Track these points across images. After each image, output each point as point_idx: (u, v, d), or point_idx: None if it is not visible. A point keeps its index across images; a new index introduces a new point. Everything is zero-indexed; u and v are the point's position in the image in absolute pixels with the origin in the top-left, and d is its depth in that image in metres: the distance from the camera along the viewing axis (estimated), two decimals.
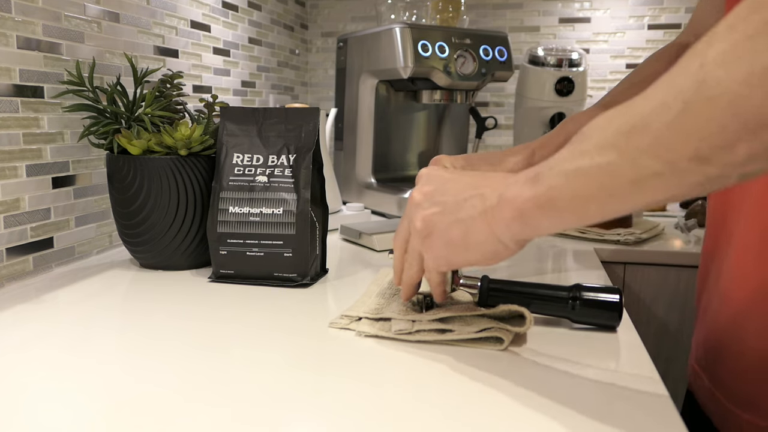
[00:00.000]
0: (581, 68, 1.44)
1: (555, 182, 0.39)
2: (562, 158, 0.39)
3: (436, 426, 0.40)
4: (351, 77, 1.29)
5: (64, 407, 0.42)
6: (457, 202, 0.47)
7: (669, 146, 0.33)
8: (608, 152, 0.36)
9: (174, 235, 0.77)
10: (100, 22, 0.89)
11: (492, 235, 0.45)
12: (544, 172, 0.40)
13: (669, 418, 0.41)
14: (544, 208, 0.40)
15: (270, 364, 0.49)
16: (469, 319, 0.54)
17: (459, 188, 0.48)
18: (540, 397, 0.44)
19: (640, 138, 0.34)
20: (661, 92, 0.34)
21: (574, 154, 0.38)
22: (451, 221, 0.47)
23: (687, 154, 0.32)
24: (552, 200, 0.40)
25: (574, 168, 0.38)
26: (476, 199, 0.46)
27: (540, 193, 0.40)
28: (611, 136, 0.36)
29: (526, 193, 0.41)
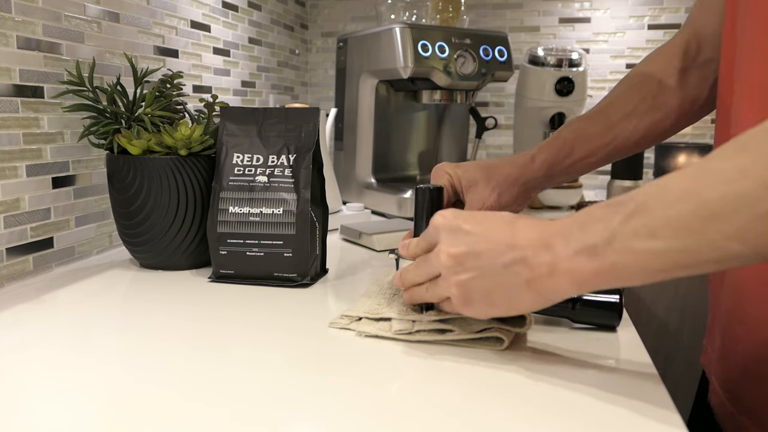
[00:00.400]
0: (581, 68, 1.44)
1: (620, 259, 0.39)
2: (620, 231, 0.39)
3: (436, 426, 0.40)
4: (351, 77, 1.29)
5: (64, 407, 0.42)
6: (495, 267, 0.45)
7: (757, 235, 0.34)
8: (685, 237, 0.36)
9: (174, 235, 0.77)
10: (100, 22, 0.89)
11: (539, 296, 0.44)
12: (601, 245, 0.40)
13: (669, 417, 0.41)
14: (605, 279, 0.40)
15: (270, 364, 0.49)
16: (469, 319, 0.54)
17: (493, 249, 0.46)
18: (540, 396, 0.44)
19: (725, 226, 0.34)
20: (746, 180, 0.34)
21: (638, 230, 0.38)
22: (491, 287, 0.46)
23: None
24: (617, 273, 0.40)
25: (644, 248, 0.38)
26: (519, 266, 0.44)
27: (603, 268, 0.40)
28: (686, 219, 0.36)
29: (586, 266, 0.41)
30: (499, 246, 0.45)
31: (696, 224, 0.36)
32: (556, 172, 0.73)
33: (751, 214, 0.34)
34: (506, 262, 0.45)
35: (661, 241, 0.37)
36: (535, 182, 0.73)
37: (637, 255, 0.38)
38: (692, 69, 0.72)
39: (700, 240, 0.35)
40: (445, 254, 0.48)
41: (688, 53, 0.72)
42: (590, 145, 0.73)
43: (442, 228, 0.49)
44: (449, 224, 0.49)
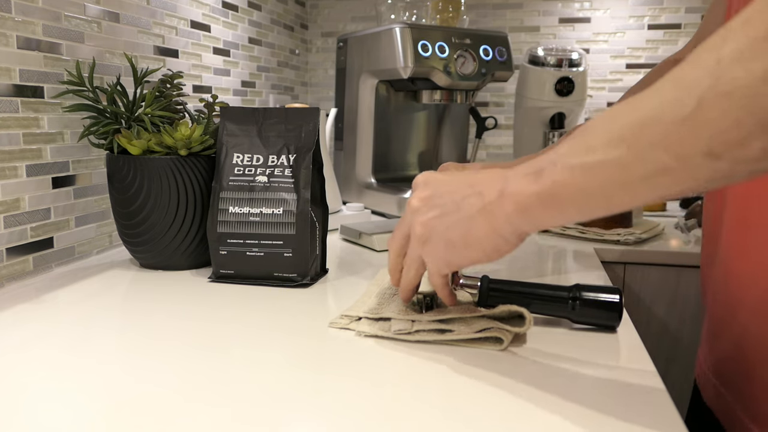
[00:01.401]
0: (581, 68, 1.44)
1: (559, 177, 0.39)
2: (566, 153, 0.39)
3: (436, 426, 0.40)
4: (351, 77, 1.29)
5: (64, 407, 0.42)
6: (455, 202, 0.47)
7: (682, 141, 0.33)
8: (617, 147, 0.36)
9: (174, 235, 0.77)
10: (100, 22, 0.89)
11: (492, 230, 0.44)
12: (546, 167, 0.40)
13: (669, 417, 0.41)
14: (547, 202, 0.40)
15: (270, 364, 0.49)
16: (468, 320, 0.54)
17: (456, 188, 0.48)
18: (540, 396, 0.44)
19: (652, 132, 0.34)
20: (674, 86, 0.34)
21: (578, 148, 0.38)
22: (450, 222, 0.47)
23: (700, 150, 0.32)
24: (556, 195, 0.39)
25: (580, 162, 0.38)
26: (474, 198, 0.46)
27: (544, 188, 0.40)
28: (619, 130, 0.36)
29: (529, 188, 0.41)
30: (460, 184, 0.48)
31: (627, 134, 0.35)
32: None
33: (673, 117, 0.33)
34: (464, 196, 0.46)
35: (595, 154, 0.37)
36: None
37: (574, 171, 0.38)
38: None
39: (630, 150, 0.35)
40: (415, 198, 0.51)
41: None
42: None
43: (418, 180, 0.52)
44: (425, 177, 0.52)
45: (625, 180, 0.36)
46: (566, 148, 0.39)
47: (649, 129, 0.34)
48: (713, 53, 0.32)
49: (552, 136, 1.44)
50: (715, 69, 0.31)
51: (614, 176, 0.36)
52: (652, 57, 1.63)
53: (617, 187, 0.36)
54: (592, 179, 0.37)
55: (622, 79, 1.65)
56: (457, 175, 0.50)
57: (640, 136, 0.34)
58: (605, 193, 0.37)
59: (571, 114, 1.45)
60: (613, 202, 0.37)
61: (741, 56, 0.31)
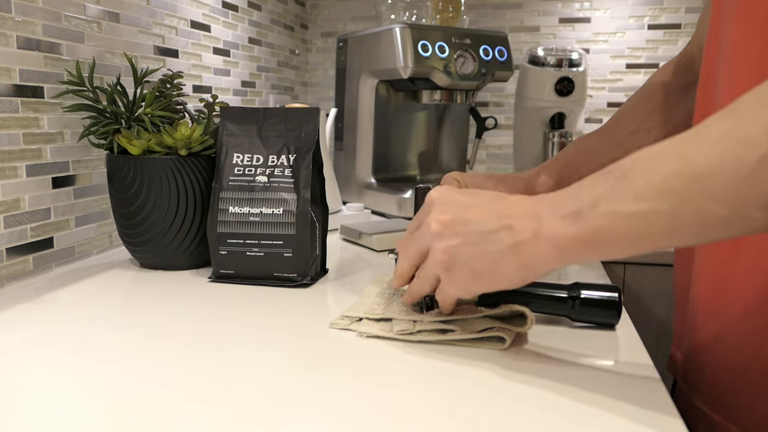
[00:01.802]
0: (581, 68, 1.44)
1: (603, 222, 0.38)
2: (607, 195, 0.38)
3: (437, 426, 0.40)
4: (351, 77, 1.29)
5: (64, 407, 0.42)
6: (481, 234, 0.45)
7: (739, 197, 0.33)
8: (668, 198, 0.36)
9: (174, 235, 0.77)
10: (100, 22, 0.89)
11: (524, 267, 0.44)
12: (587, 209, 0.39)
13: (668, 416, 0.41)
14: (588, 246, 0.40)
15: (270, 364, 0.49)
16: (470, 319, 0.54)
17: (482, 218, 0.46)
18: (540, 395, 0.44)
19: (708, 187, 0.34)
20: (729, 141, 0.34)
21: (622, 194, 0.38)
22: (476, 253, 0.46)
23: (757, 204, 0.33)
24: (599, 239, 0.39)
25: (627, 211, 0.37)
26: (504, 233, 0.44)
27: (585, 233, 0.39)
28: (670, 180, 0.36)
29: (569, 231, 0.40)
30: (487, 214, 0.46)
31: (679, 185, 0.35)
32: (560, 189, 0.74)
33: (733, 174, 0.33)
34: (492, 229, 0.45)
35: (645, 203, 0.37)
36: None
37: (621, 218, 0.38)
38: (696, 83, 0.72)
39: (683, 202, 0.35)
40: (434, 221, 0.48)
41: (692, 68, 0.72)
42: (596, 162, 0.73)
43: (435, 200, 0.50)
44: (442, 196, 0.50)
45: (675, 228, 0.36)
46: (606, 190, 0.39)
47: (705, 183, 0.34)
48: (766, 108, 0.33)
49: (552, 136, 1.44)
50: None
51: (663, 225, 0.36)
52: (652, 57, 1.63)
53: (665, 234, 0.37)
54: (640, 227, 0.37)
55: (622, 79, 1.65)
56: (478, 197, 0.49)
57: (695, 189, 0.35)
58: (652, 239, 0.37)
59: (571, 114, 1.45)
60: (659, 245, 0.38)
61: None
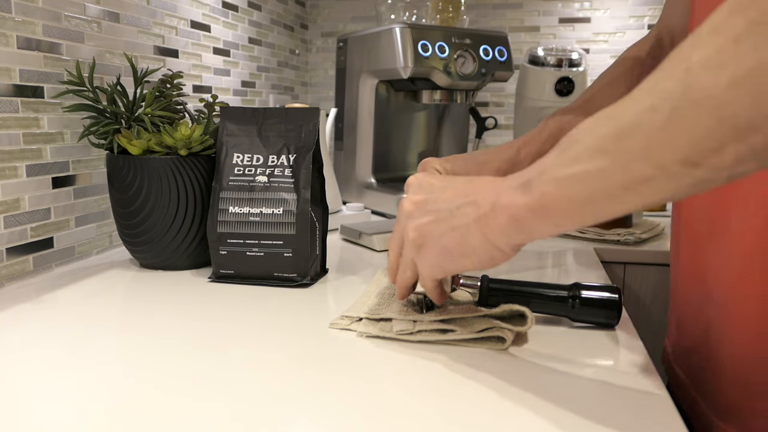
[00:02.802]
0: (581, 68, 1.44)
1: (547, 189, 0.39)
2: (552, 164, 0.39)
3: (437, 426, 0.40)
4: (351, 77, 1.29)
5: (64, 407, 0.42)
6: (449, 210, 0.47)
7: (659, 150, 0.33)
8: (599, 157, 0.36)
9: (174, 235, 0.77)
10: (100, 22, 0.89)
11: (487, 241, 0.45)
12: (535, 178, 0.41)
13: (668, 416, 0.41)
14: (538, 213, 0.41)
15: (270, 364, 0.49)
16: (470, 319, 0.54)
17: (450, 196, 0.48)
18: (540, 395, 0.44)
19: (630, 142, 0.34)
20: (649, 96, 0.34)
21: (564, 159, 0.39)
22: (444, 229, 0.47)
23: (677, 158, 0.33)
24: (545, 206, 0.40)
25: (565, 174, 0.38)
26: (469, 207, 0.46)
27: (533, 200, 0.40)
28: (600, 140, 0.36)
29: (520, 200, 0.41)
30: (455, 192, 0.48)
31: (608, 145, 0.36)
32: None
33: (650, 127, 0.33)
34: (459, 204, 0.47)
35: (579, 165, 0.37)
36: None
37: (560, 182, 0.38)
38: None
39: (613, 161, 0.35)
40: (407, 201, 0.51)
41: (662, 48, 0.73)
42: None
43: (411, 182, 0.53)
44: (418, 179, 0.53)
45: (609, 189, 0.36)
46: (552, 159, 0.40)
47: (627, 139, 0.35)
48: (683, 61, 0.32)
49: None
50: (685, 77, 0.32)
51: (598, 186, 0.37)
52: None
53: (602, 196, 0.37)
54: (578, 190, 0.38)
55: None
56: (451, 180, 0.50)
57: (620, 146, 0.35)
58: (592, 203, 0.38)
59: None
60: (600, 211, 0.38)
61: (708, 64, 0.31)
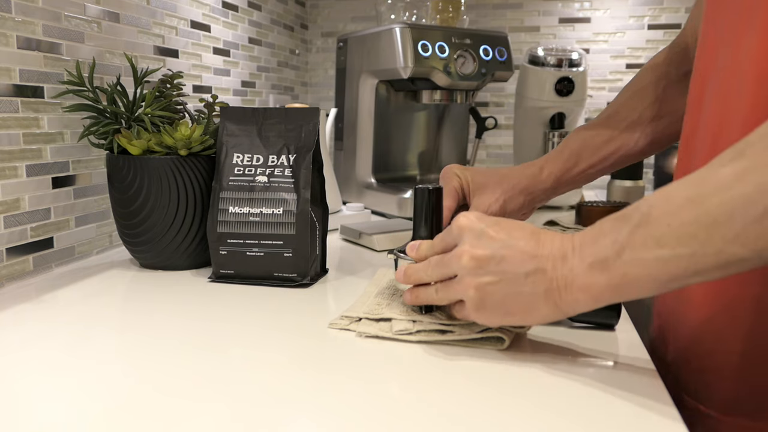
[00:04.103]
0: (581, 68, 1.44)
1: (630, 270, 0.40)
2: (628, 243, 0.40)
3: (437, 426, 0.40)
4: (351, 77, 1.29)
5: (64, 407, 0.42)
6: (516, 276, 0.46)
7: (757, 237, 0.35)
8: (689, 243, 0.37)
9: (174, 235, 0.77)
10: (100, 22, 0.89)
11: (556, 308, 0.45)
12: (612, 258, 0.41)
13: (668, 416, 0.41)
14: (619, 291, 0.42)
15: (270, 364, 0.49)
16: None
17: (517, 259, 0.46)
18: (540, 396, 0.44)
19: (726, 231, 0.36)
20: (740, 184, 0.36)
21: (645, 241, 0.39)
22: (509, 293, 0.46)
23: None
24: (629, 285, 0.41)
25: (652, 257, 0.39)
26: (539, 276, 0.45)
27: (614, 280, 0.41)
28: (690, 226, 0.37)
29: (599, 280, 0.42)
30: (522, 255, 0.46)
31: (699, 231, 0.37)
32: (563, 183, 0.74)
33: (748, 218, 0.35)
34: (527, 271, 0.46)
35: (668, 249, 0.38)
36: (542, 193, 0.74)
37: (646, 264, 0.39)
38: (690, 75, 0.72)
39: (704, 246, 0.37)
40: (468, 255, 0.47)
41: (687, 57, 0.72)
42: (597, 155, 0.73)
43: (467, 229, 0.49)
44: (474, 227, 0.49)
45: (698, 270, 0.38)
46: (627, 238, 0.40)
47: (723, 228, 0.36)
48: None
49: (552, 136, 1.44)
50: None
51: (689, 268, 0.38)
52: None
53: (690, 274, 0.38)
54: (666, 271, 0.39)
55: (622, 79, 1.65)
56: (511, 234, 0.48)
57: (712, 234, 0.36)
58: (678, 281, 0.39)
59: (571, 114, 1.45)
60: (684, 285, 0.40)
61: None
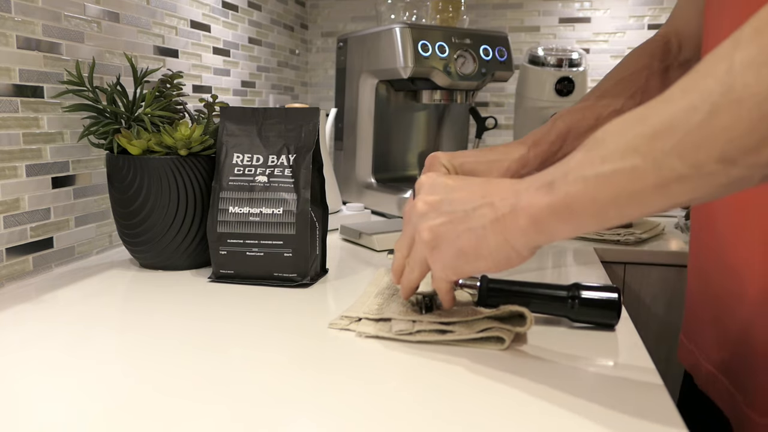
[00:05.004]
0: (581, 68, 1.44)
1: (572, 189, 0.39)
2: (577, 164, 0.39)
3: (436, 426, 0.40)
4: (351, 77, 1.29)
5: (64, 407, 0.42)
6: (465, 212, 0.47)
7: (696, 148, 0.33)
8: (631, 156, 0.36)
9: (174, 235, 0.77)
10: (100, 22, 0.89)
11: (505, 242, 0.45)
12: (558, 178, 0.40)
13: (668, 416, 0.41)
14: (561, 214, 0.41)
15: (270, 364, 0.49)
16: (470, 320, 0.54)
17: (466, 197, 0.47)
18: (540, 395, 0.44)
19: (666, 141, 0.34)
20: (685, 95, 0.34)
21: (592, 159, 0.38)
22: (460, 231, 0.47)
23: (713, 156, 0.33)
24: (569, 206, 0.40)
25: (594, 174, 0.38)
26: (486, 208, 0.46)
27: (556, 200, 0.40)
28: (632, 140, 0.36)
29: (542, 200, 0.41)
30: (471, 194, 0.48)
31: (641, 144, 0.36)
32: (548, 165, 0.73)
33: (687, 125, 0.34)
34: (475, 206, 0.47)
35: (609, 164, 0.37)
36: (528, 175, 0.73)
37: (587, 182, 0.38)
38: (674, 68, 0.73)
39: (644, 158, 0.35)
40: (421, 202, 0.50)
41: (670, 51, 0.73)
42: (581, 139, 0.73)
43: (423, 181, 0.52)
44: (430, 179, 0.51)
45: (639, 189, 0.36)
46: (577, 160, 0.40)
47: (662, 138, 0.35)
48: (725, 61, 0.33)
49: None
50: (726, 77, 0.32)
51: (628, 186, 0.37)
52: None
53: (631, 196, 0.37)
54: (606, 189, 0.38)
55: None
56: (466, 181, 0.50)
57: (654, 145, 0.35)
58: (618, 203, 0.38)
59: None
60: (626, 211, 0.38)
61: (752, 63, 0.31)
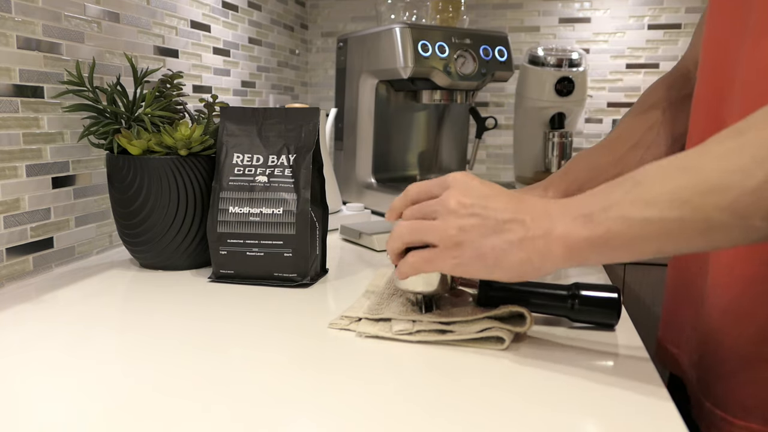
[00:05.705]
0: (581, 68, 1.44)
1: (614, 226, 0.41)
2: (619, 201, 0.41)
3: (436, 426, 0.40)
4: (351, 77, 1.29)
5: (64, 407, 0.42)
6: (497, 221, 0.47)
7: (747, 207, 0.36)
8: (680, 208, 0.38)
9: (174, 235, 0.77)
10: (100, 22, 0.89)
11: (528, 261, 0.46)
12: (597, 212, 0.42)
13: (668, 416, 0.41)
14: (598, 248, 0.42)
15: (270, 364, 0.50)
16: (469, 320, 0.54)
17: (500, 207, 0.48)
18: (540, 395, 0.44)
19: (719, 199, 0.37)
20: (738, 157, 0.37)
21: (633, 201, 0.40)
22: (487, 238, 0.47)
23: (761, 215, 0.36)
24: (608, 242, 0.41)
25: (639, 217, 0.40)
26: (517, 224, 0.46)
27: (596, 235, 0.42)
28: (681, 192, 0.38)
29: (580, 233, 0.42)
30: (506, 206, 0.48)
31: (693, 197, 0.38)
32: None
33: (741, 189, 0.36)
34: (507, 219, 0.47)
35: (656, 211, 0.39)
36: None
37: (632, 223, 0.40)
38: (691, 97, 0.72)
39: (695, 212, 0.38)
40: (455, 199, 0.50)
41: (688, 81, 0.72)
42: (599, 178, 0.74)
43: (458, 179, 0.51)
44: (465, 179, 0.51)
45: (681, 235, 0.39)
46: (618, 198, 0.41)
47: (716, 196, 0.37)
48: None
49: (552, 136, 1.44)
50: None
51: (673, 232, 0.39)
52: (652, 57, 1.63)
53: (674, 241, 0.39)
54: (649, 233, 0.40)
55: (622, 79, 1.65)
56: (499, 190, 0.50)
57: (706, 200, 0.37)
58: (659, 245, 0.40)
59: (571, 114, 1.45)
60: (664, 251, 0.40)
61: None
